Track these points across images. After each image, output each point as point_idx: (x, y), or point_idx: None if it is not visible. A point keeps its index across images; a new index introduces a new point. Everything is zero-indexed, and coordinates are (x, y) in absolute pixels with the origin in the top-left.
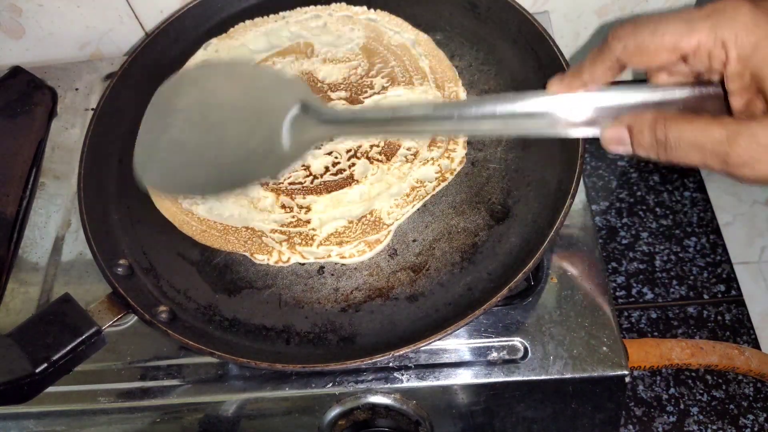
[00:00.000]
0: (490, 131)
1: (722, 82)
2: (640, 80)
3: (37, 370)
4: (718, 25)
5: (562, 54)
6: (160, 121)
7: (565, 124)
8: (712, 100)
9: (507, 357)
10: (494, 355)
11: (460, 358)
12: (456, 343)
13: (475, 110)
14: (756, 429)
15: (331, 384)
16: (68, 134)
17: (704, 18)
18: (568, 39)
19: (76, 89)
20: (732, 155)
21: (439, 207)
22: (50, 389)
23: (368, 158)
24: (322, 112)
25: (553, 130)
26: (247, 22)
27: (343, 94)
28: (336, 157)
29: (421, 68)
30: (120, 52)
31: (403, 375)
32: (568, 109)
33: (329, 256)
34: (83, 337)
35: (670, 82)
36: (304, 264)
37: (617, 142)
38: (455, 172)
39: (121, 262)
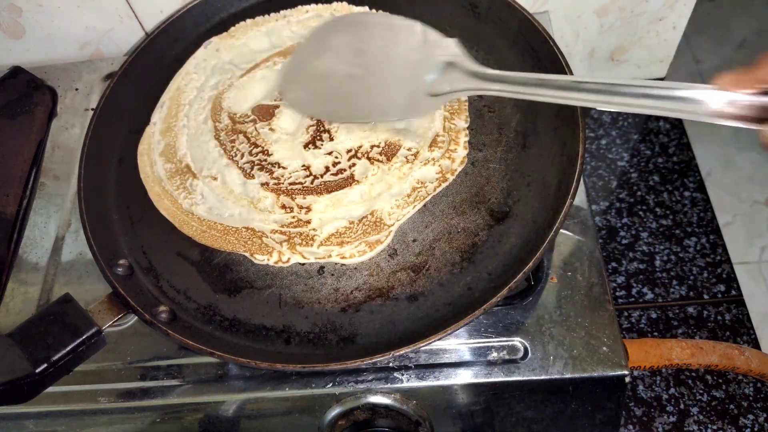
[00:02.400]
0: (636, 109)
1: None
2: None
3: (37, 371)
4: None
5: (562, 54)
6: (312, 52)
7: (715, 114)
8: None
9: (507, 357)
10: (494, 355)
11: (460, 358)
12: (456, 343)
13: (629, 89)
14: (756, 429)
15: (331, 384)
16: (68, 134)
17: None
18: (568, 39)
19: (76, 89)
20: None
21: (440, 207)
22: (50, 389)
23: (369, 158)
24: (470, 68)
25: (700, 117)
26: (248, 21)
27: None
28: (336, 157)
29: None
30: (120, 52)
31: (403, 375)
32: (725, 102)
33: (330, 256)
34: (83, 337)
35: None
36: (304, 264)
37: None
38: (456, 173)
39: (121, 262)
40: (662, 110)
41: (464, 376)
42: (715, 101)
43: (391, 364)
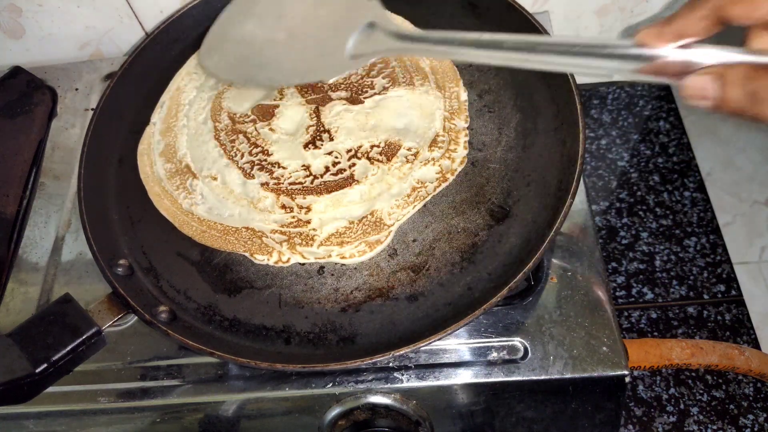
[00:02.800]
0: (560, 68)
1: None
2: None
3: (37, 371)
4: None
5: None
6: (234, 19)
7: (641, 70)
8: None
9: (507, 357)
10: (494, 355)
11: (460, 358)
12: (456, 343)
13: (553, 47)
14: (756, 429)
15: (331, 384)
16: (68, 134)
17: None
18: None
19: (76, 89)
20: None
21: (440, 207)
22: (50, 389)
23: (368, 158)
24: (391, 28)
25: (628, 74)
26: None
27: (343, 94)
28: (336, 157)
29: (421, 68)
30: (120, 52)
31: (403, 375)
32: (648, 57)
33: (330, 256)
34: (83, 337)
35: None
36: (304, 264)
37: (700, 94)
38: (456, 173)
39: (121, 262)
40: (583, 68)
41: (464, 376)
42: (636, 57)
43: (391, 364)
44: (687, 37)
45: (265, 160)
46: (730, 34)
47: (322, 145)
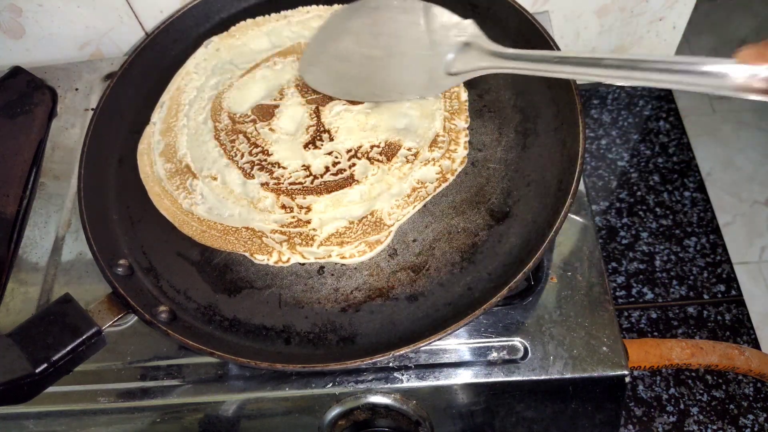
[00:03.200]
0: (660, 84)
1: None
2: None
3: (37, 371)
4: None
5: None
6: (331, 35)
7: (737, 88)
8: None
9: (507, 357)
10: (494, 355)
11: (460, 358)
12: (456, 343)
13: (654, 65)
14: (756, 429)
15: (331, 384)
16: (68, 134)
17: None
18: (568, 39)
19: (76, 89)
20: None
21: (440, 207)
22: (50, 389)
23: (368, 158)
24: (488, 47)
25: (721, 91)
26: (249, 21)
27: None
28: (336, 157)
29: None
30: (120, 52)
31: (403, 375)
32: (746, 76)
33: (329, 256)
34: (83, 337)
35: None
36: (304, 264)
37: None
38: (456, 173)
39: (121, 262)
40: (683, 85)
41: (464, 376)
42: (737, 75)
43: (391, 364)
44: None
45: (265, 160)
46: None
47: (322, 145)
